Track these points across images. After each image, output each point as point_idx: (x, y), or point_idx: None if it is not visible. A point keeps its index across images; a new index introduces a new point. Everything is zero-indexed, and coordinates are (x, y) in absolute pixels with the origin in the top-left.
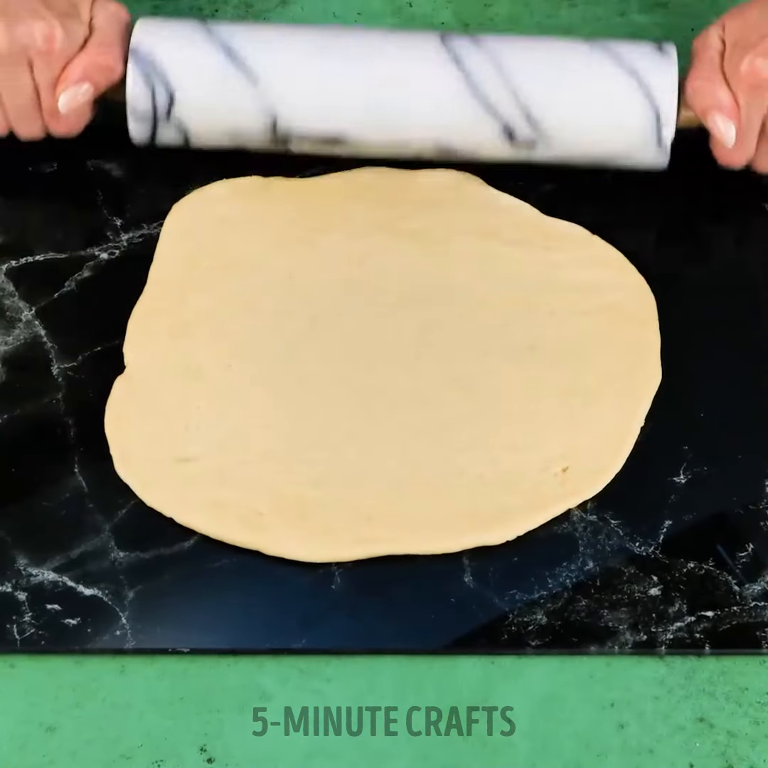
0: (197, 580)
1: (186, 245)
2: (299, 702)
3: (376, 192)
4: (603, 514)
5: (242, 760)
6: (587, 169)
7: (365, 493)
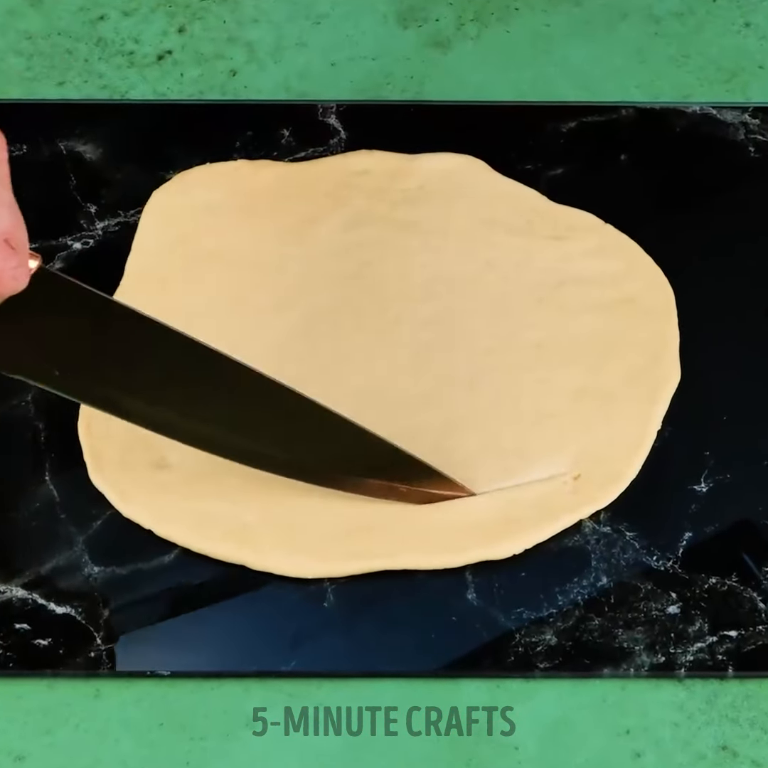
0: (178, 596)
1: (167, 235)
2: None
3: (371, 178)
4: (617, 525)
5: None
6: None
7: (360, 502)
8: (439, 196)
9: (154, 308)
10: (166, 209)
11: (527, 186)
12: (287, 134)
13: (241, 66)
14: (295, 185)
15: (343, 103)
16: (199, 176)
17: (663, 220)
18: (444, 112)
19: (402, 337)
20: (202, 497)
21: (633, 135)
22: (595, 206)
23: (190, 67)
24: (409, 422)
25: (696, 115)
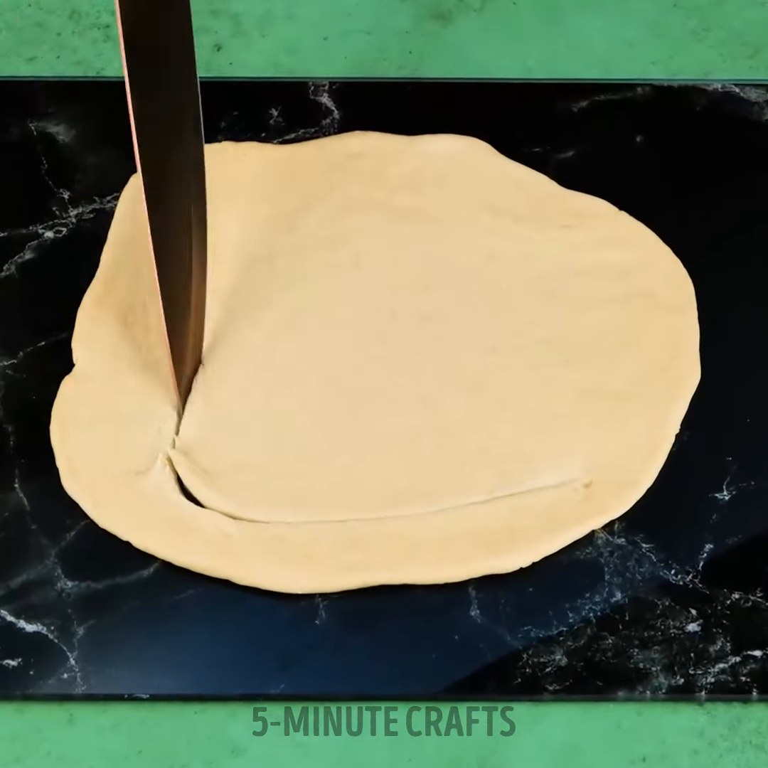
0: (158, 614)
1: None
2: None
3: (367, 161)
4: (633, 536)
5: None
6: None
7: (354, 511)
8: (440, 181)
9: (131, 301)
10: None
11: (535, 170)
12: (276, 114)
13: (226, 40)
14: (284, 169)
15: (336, 81)
16: None
17: (682, 206)
18: (445, 90)
19: (398, 332)
20: (183, 507)
21: (649, 115)
22: (609, 192)
23: None
24: (406, 423)
25: (717, 93)
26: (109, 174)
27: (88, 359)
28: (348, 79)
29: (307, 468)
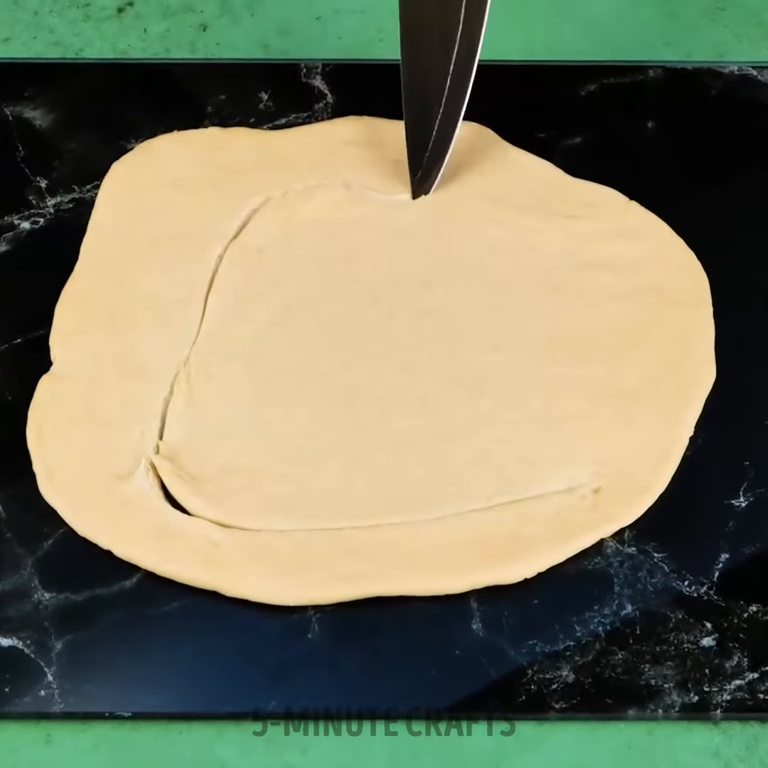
0: (141, 627)
1: (127, 213)
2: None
3: (362, 148)
4: (644, 545)
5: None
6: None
7: (349, 518)
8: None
9: (113, 296)
10: (127, 184)
11: (540, 157)
12: (266, 98)
13: (212, 20)
14: (274, 156)
15: (330, 63)
16: (164, 146)
17: (696, 195)
18: None
19: (396, 329)
20: (167, 514)
21: (661, 99)
22: (618, 180)
23: (154, 20)
24: (404, 425)
25: (733, 76)
26: (89, 161)
27: (66, 357)
28: (342, 61)
29: (299, 472)
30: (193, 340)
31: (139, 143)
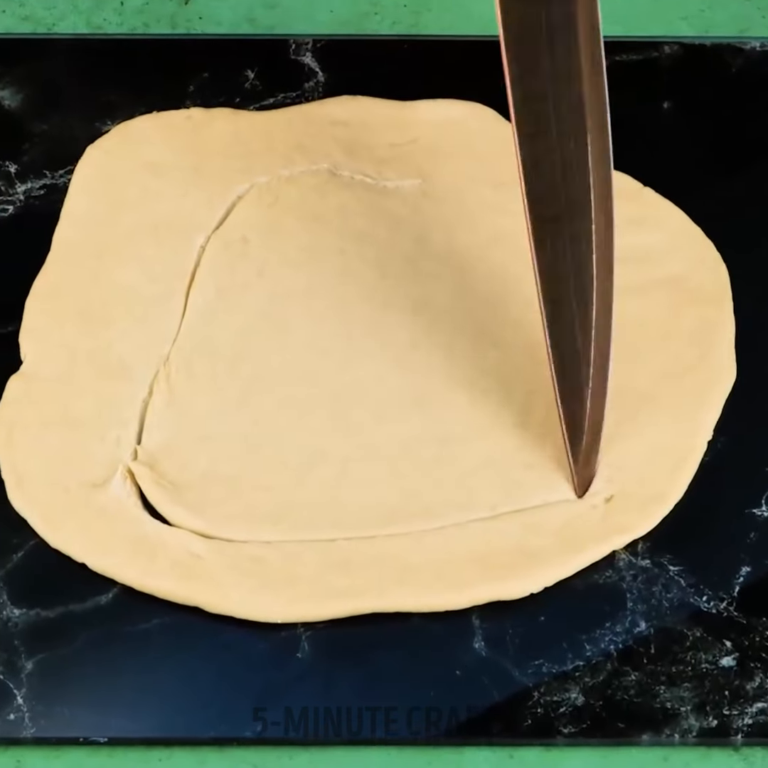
0: (118, 646)
1: (103, 200)
2: None
3: (355, 130)
4: (659, 557)
5: None
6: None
7: (341, 529)
8: (438, 153)
9: (87, 290)
10: (103, 169)
11: None
12: (252, 76)
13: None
14: (260, 139)
15: (321, 38)
16: (143, 128)
17: (715, 182)
18: (445, 49)
19: (390, 324)
20: (146, 524)
21: (678, 78)
22: (631, 166)
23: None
24: (400, 429)
25: (755, 53)
26: (62, 144)
27: (38, 355)
28: (334, 37)
29: (288, 479)
30: (174, 337)
31: (116, 125)
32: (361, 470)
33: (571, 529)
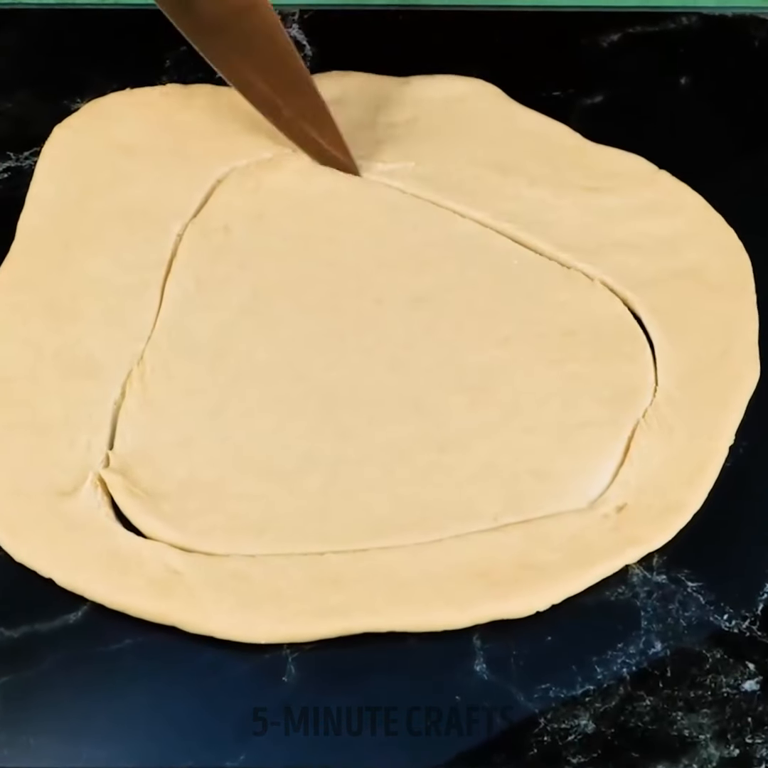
0: (88, 668)
1: (72, 184)
2: None
3: (347, 108)
4: (676, 573)
5: None
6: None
7: (331, 541)
8: (437, 134)
9: (55, 282)
10: (72, 150)
11: (555, 120)
12: None
13: None
14: (243, 119)
15: (309, 8)
16: (115, 106)
17: (735, 165)
18: (445, 20)
19: (385, 320)
20: (119, 535)
21: (696, 51)
22: (646, 147)
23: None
24: (395, 433)
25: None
26: (27, 124)
27: (1, 353)
28: (323, 6)
29: (273, 488)
30: (149, 333)
31: (86, 103)
32: (353, 477)
33: (580, 541)
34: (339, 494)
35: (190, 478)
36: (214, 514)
